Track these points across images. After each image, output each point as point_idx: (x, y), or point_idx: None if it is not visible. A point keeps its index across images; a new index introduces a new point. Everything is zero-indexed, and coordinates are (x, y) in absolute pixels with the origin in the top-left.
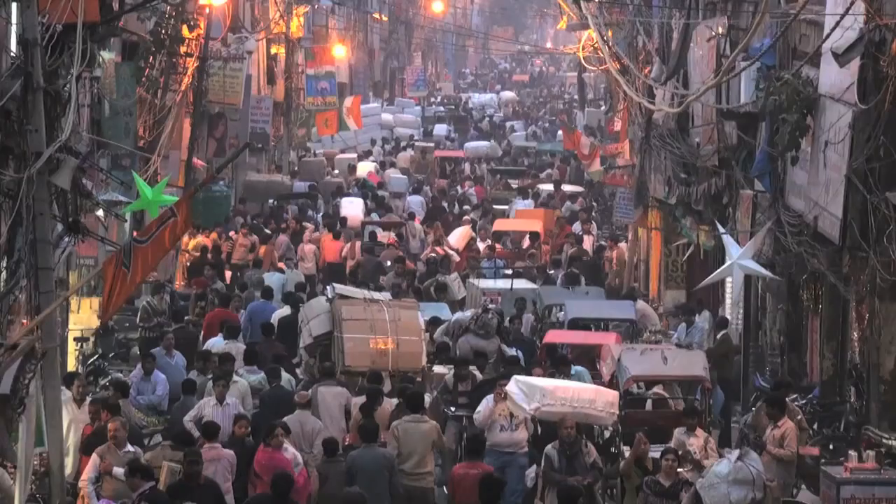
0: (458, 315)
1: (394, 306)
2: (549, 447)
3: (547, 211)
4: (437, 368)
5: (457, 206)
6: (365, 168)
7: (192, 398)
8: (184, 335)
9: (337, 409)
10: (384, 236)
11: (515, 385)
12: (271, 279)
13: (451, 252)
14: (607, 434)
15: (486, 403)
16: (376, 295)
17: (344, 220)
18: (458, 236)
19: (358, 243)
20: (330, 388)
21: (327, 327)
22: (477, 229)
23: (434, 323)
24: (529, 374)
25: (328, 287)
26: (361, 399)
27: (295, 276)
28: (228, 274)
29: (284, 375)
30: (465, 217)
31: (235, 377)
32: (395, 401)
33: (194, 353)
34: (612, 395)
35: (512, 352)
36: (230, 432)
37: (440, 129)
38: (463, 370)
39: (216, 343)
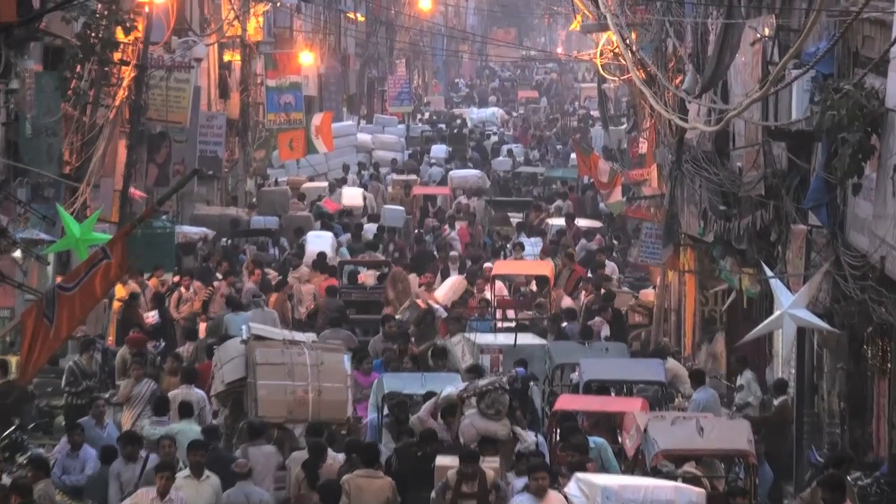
0: (449, 390)
1: (316, 349)
2: None
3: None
4: (443, 460)
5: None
6: (354, 196)
7: (109, 468)
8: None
9: (269, 474)
10: (367, 276)
11: (576, 485)
12: (234, 321)
13: (436, 307)
14: None
15: None
16: (297, 336)
17: (324, 256)
18: (447, 288)
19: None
20: (261, 449)
21: (241, 373)
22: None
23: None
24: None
25: (244, 327)
26: (302, 454)
27: (265, 316)
28: (203, 326)
29: (194, 427)
30: (487, 265)
31: (207, 472)
32: (341, 456)
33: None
34: (697, 494)
35: (530, 437)
36: None
37: (438, 151)
38: (470, 467)
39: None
